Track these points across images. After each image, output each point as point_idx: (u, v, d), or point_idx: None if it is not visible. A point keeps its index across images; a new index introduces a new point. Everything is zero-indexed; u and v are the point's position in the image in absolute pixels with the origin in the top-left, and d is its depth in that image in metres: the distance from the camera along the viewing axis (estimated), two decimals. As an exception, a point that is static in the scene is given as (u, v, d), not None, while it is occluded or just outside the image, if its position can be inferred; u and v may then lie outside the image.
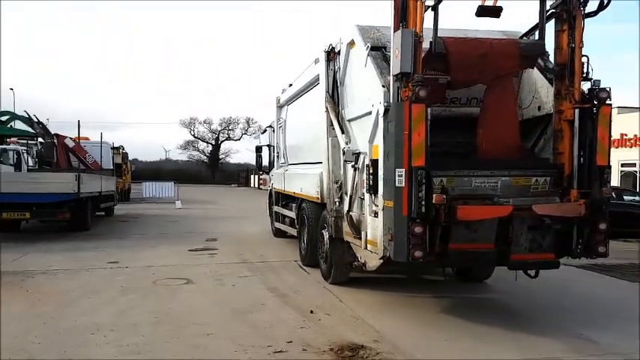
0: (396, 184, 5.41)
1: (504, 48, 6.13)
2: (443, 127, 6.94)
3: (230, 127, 70.84)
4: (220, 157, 72.77)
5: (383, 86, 5.96)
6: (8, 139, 24.72)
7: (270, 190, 13.88)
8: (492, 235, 5.60)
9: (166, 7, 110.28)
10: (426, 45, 5.96)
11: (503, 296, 7.60)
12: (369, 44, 6.54)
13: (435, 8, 5.87)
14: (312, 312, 6.47)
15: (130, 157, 34.62)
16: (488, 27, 7.03)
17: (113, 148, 23.39)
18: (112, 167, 20.64)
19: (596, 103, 5.75)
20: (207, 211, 22.37)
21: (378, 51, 6.52)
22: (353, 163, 6.87)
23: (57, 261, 9.83)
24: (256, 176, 49.40)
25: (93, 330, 5.74)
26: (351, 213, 7.01)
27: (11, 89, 49.01)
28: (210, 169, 71.38)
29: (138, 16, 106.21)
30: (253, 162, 15.24)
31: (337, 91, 7.81)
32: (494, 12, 6.07)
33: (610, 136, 5.80)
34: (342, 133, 7.37)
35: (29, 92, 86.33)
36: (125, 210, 22.16)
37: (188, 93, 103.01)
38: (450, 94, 6.95)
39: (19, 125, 25.48)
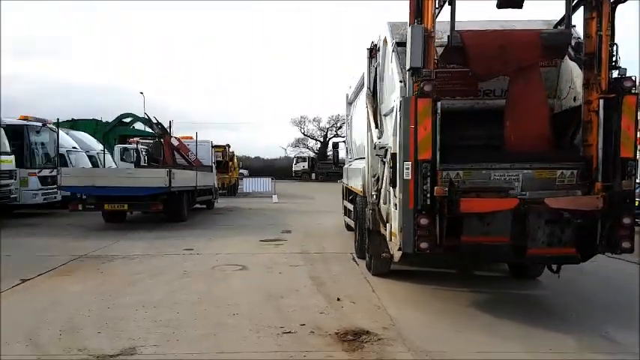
0: (404, 177, 5.57)
1: (525, 38, 6.01)
2: (478, 119, 6.95)
3: (338, 125, 71.87)
4: (328, 153, 74.09)
5: (400, 81, 6.13)
6: (130, 139, 27.44)
7: (342, 185, 14.25)
8: (507, 228, 5.55)
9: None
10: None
11: (547, 293, 7.36)
12: (395, 40, 6.70)
13: (451, 2, 5.91)
14: (338, 299, 6.77)
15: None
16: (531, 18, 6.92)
17: (214, 146, 24.97)
18: (210, 164, 22.12)
19: (620, 92, 5.48)
20: (299, 206, 23.19)
21: (405, 46, 6.64)
22: (382, 157, 7.05)
23: (139, 247, 10.94)
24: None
25: (139, 307, 6.47)
26: (379, 206, 7.20)
27: (141, 93, 53.60)
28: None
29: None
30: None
31: (377, 87, 8.00)
32: (516, 3, 5.96)
33: (636, 127, 5.49)
34: (376, 127, 7.56)
35: (157, 96, 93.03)
36: (225, 203, 23.66)
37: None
38: (482, 87, 6.91)
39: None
